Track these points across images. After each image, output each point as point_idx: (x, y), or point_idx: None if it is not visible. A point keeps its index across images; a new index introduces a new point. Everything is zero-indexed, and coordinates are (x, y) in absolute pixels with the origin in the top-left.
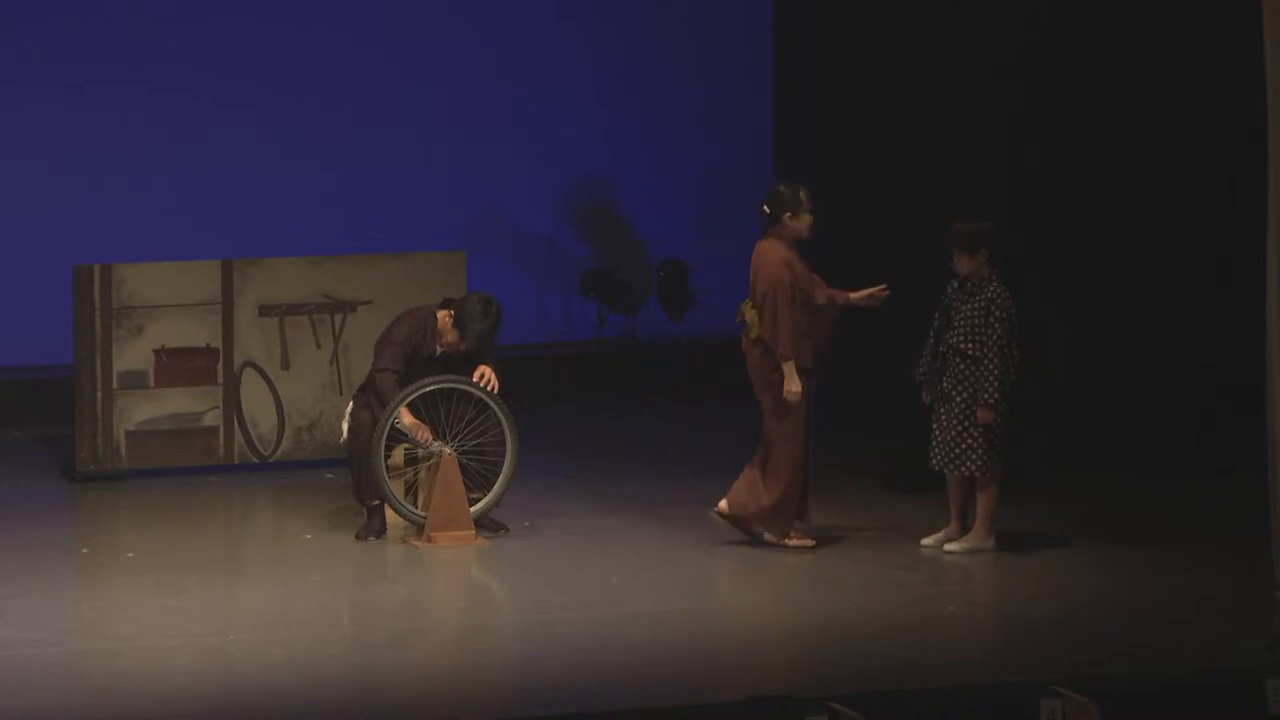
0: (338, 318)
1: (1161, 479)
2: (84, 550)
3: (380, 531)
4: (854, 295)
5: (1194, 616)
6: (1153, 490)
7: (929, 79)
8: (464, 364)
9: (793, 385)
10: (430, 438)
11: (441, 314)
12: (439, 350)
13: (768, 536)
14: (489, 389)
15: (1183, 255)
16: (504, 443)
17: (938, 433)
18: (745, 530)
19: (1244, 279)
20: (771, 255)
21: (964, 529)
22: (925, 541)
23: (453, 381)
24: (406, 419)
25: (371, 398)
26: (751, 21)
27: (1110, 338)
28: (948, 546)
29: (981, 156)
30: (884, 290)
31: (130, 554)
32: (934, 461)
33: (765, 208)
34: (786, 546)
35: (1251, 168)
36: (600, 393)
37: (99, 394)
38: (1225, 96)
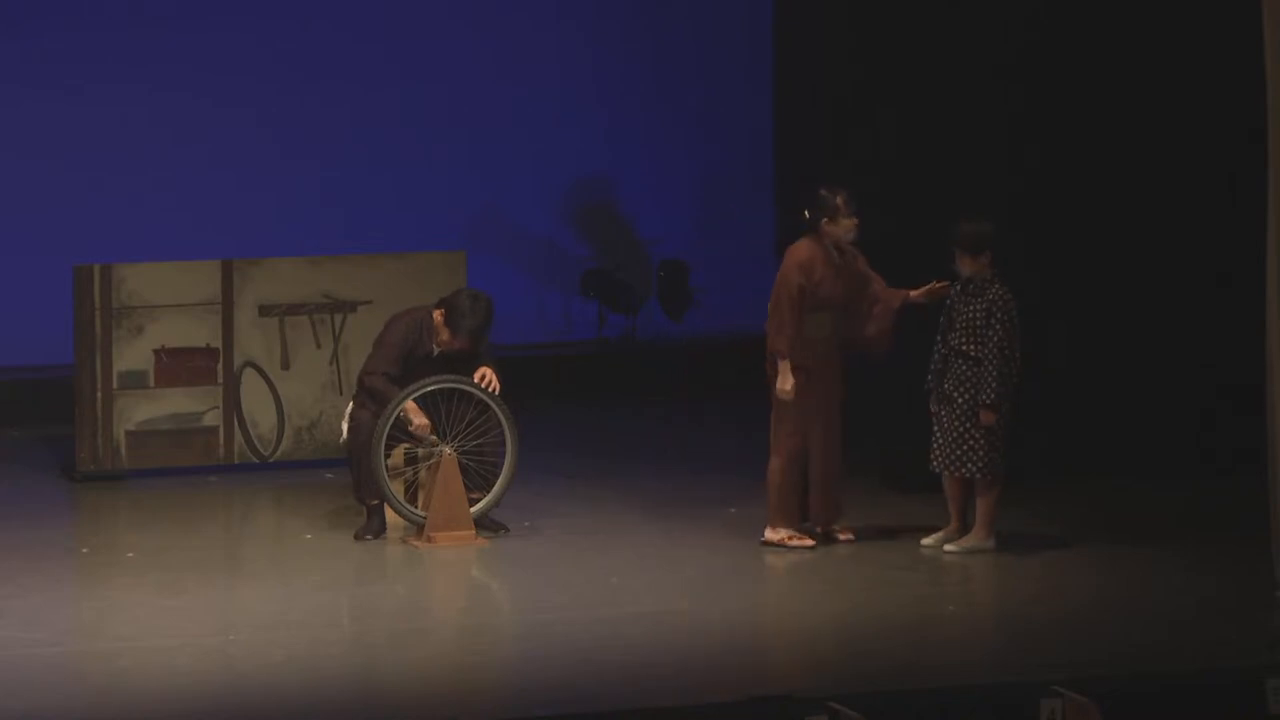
0: (338, 318)
1: (1161, 479)
2: (84, 550)
3: (379, 531)
4: (914, 293)
5: (1194, 616)
6: (1153, 490)
7: (929, 79)
8: (463, 363)
9: (782, 383)
10: (429, 428)
11: (436, 313)
12: (436, 350)
13: (767, 534)
14: (490, 390)
15: (1183, 255)
16: (504, 443)
17: (939, 434)
18: (828, 533)
19: (1244, 279)
20: (792, 255)
21: (964, 528)
22: (925, 541)
23: (453, 382)
24: (417, 418)
25: (368, 399)
26: (751, 21)
27: (1110, 338)
28: (947, 547)
29: (981, 156)
30: (945, 286)
31: (130, 554)
32: (935, 463)
33: (805, 212)
34: (786, 545)
35: (1251, 168)
36: (600, 393)
37: (99, 394)
38: (1225, 96)
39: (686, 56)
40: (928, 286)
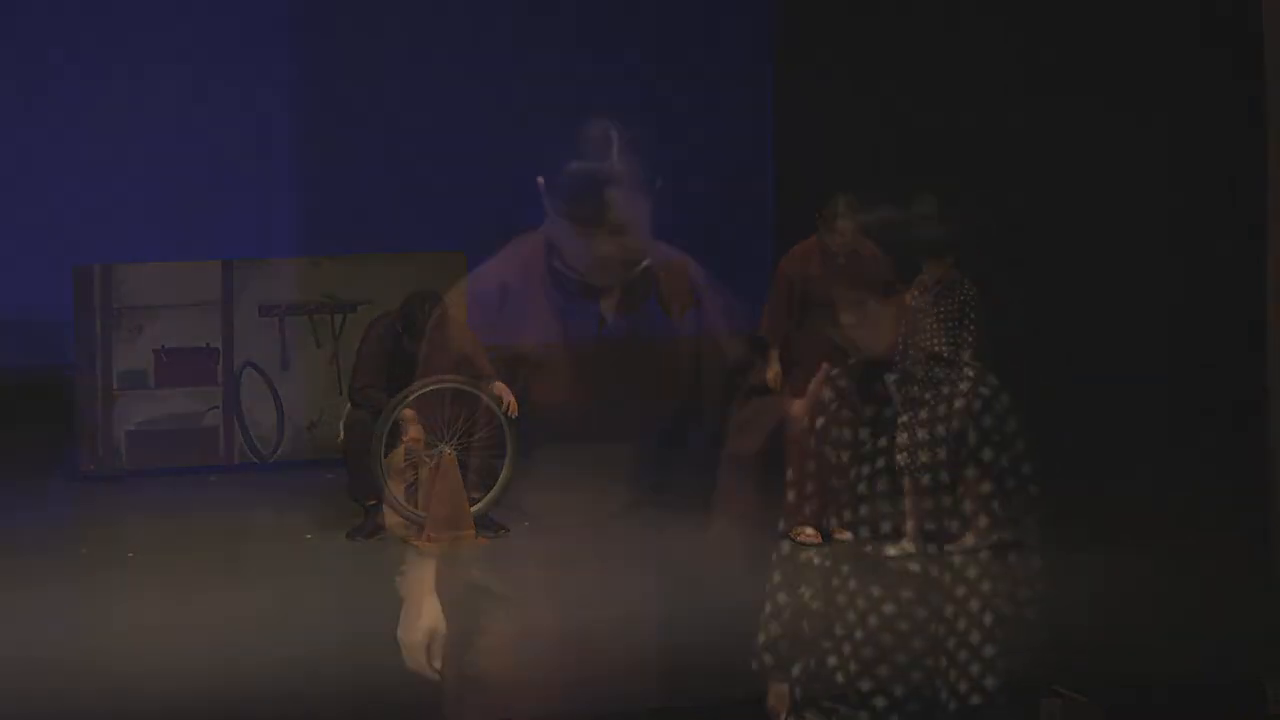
0: (338, 318)
1: (1161, 479)
2: (84, 550)
3: (373, 532)
4: (908, 296)
5: (1194, 617)
6: (1152, 490)
7: (929, 80)
8: (456, 363)
9: (767, 371)
10: (421, 442)
11: (397, 323)
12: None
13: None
14: (507, 410)
15: (1182, 255)
16: (503, 443)
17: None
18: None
19: (1244, 279)
20: (790, 251)
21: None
22: (890, 551)
23: (453, 382)
24: (413, 429)
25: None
26: (751, 22)
27: (1109, 338)
28: (950, 547)
29: (981, 156)
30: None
31: (130, 554)
32: (902, 464)
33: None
34: (793, 540)
35: (1251, 168)
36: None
37: (99, 394)
38: (1225, 96)
39: (686, 57)
40: (914, 288)
